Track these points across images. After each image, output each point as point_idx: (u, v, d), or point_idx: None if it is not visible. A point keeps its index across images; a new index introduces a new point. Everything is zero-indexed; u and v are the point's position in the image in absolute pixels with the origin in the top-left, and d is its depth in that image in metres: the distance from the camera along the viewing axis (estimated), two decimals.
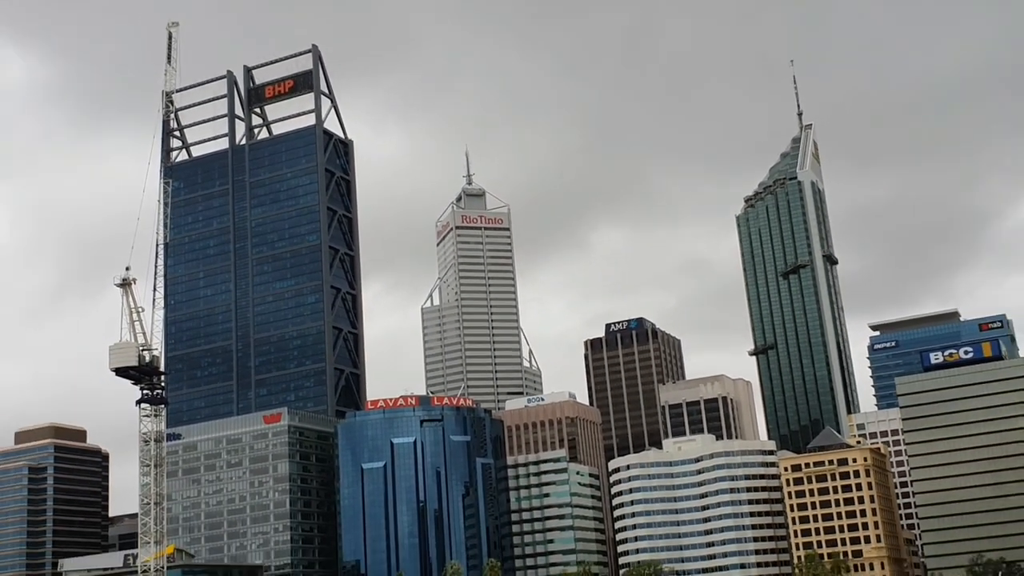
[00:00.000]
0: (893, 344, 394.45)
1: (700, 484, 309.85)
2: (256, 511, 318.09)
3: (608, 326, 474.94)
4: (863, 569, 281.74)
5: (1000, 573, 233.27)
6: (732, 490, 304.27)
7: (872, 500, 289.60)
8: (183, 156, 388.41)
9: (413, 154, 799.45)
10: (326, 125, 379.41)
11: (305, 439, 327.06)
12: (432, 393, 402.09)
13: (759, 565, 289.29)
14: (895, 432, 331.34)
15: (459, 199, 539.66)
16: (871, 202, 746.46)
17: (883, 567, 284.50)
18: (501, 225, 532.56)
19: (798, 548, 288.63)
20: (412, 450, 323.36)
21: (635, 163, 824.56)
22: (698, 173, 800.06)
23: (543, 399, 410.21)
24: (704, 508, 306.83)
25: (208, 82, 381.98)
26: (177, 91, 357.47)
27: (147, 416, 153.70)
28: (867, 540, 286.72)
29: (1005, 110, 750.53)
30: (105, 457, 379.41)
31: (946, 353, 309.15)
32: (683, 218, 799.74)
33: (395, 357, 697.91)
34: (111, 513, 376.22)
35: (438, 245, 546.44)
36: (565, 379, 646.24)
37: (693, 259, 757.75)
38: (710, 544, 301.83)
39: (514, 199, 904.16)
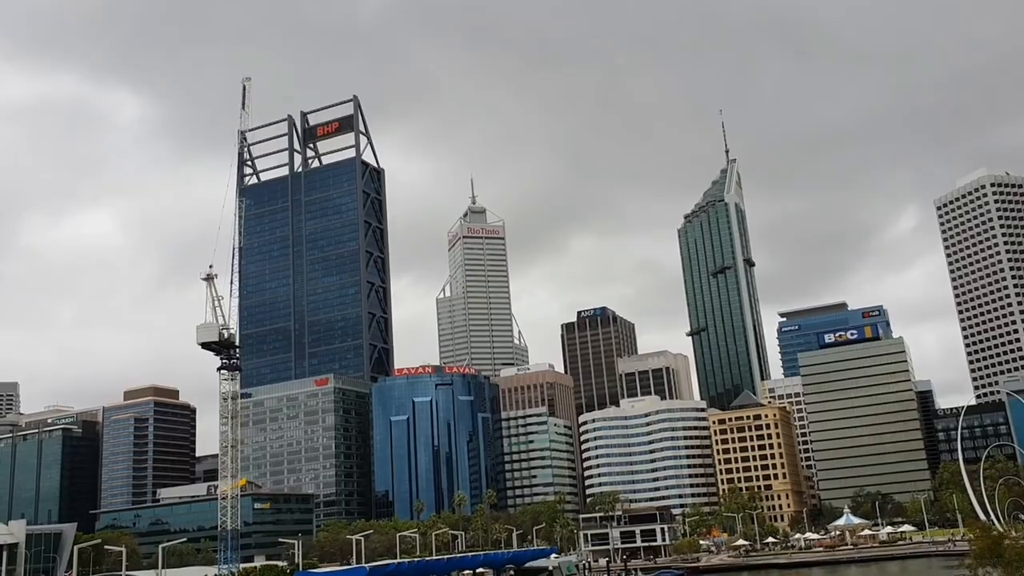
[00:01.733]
0: (796, 328, 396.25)
1: (648, 434, 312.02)
2: (308, 453, 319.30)
3: (579, 312, 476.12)
4: (773, 499, 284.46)
5: (876, 502, 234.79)
6: (672, 439, 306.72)
7: (779, 447, 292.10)
8: (253, 180, 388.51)
9: (431, 179, 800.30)
10: (364, 157, 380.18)
11: (347, 398, 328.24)
12: (444, 363, 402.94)
13: (693, 496, 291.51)
14: (797, 395, 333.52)
15: (465, 215, 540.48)
16: (782, 218, 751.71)
17: (787, 497, 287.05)
18: (497, 235, 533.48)
19: (723, 483, 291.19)
20: (429, 407, 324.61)
21: (602, 187, 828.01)
22: (650, 195, 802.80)
23: (529, 368, 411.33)
24: (651, 452, 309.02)
25: (273, 123, 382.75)
26: (249, 130, 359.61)
27: (225, 380, 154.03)
28: (776, 477, 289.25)
29: (887, 148, 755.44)
30: (193, 411, 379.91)
31: (837, 334, 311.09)
32: (639, 229, 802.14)
33: (416, 336, 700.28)
34: (197, 453, 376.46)
35: (449, 250, 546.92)
36: (546, 353, 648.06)
37: (646, 261, 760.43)
38: (655, 480, 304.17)
39: (508, 214, 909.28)
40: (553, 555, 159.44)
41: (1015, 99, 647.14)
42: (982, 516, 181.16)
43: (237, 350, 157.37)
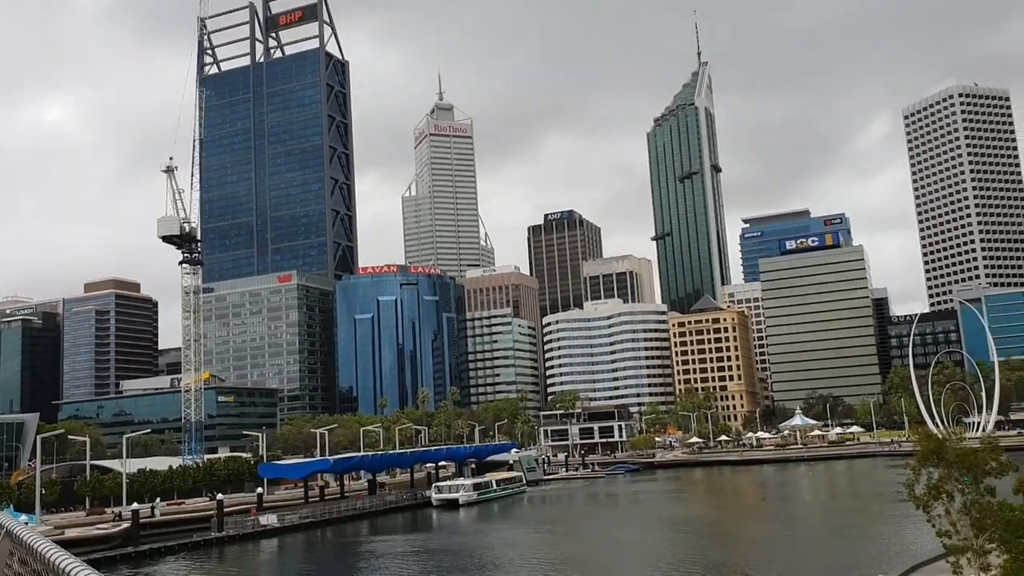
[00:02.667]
0: (759, 234, 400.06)
1: (611, 335, 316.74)
2: (272, 348, 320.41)
3: (546, 215, 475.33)
4: (727, 399, 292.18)
5: (827, 404, 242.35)
6: (633, 340, 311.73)
7: (737, 349, 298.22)
8: (214, 70, 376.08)
9: (398, 73, 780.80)
10: (328, 48, 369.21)
11: (310, 295, 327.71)
12: (410, 263, 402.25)
13: (651, 395, 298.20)
14: (756, 300, 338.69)
15: (432, 111, 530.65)
16: (752, 123, 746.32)
17: (742, 398, 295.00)
18: (465, 134, 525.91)
19: (680, 384, 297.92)
20: (394, 306, 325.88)
21: (575, 87, 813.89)
22: (624, 96, 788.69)
23: (495, 270, 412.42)
24: (612, 353, 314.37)
25: (234, 11, 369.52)
26: (209, 17, 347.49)
27: (187, 274, 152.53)
28: (731, 378, 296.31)
29: (862, 55, 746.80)
30: (155, 304, 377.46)
31: (798, 241, 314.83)
32: (612, 131, 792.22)
33: (381, 235, 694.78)
34: (160, 347, 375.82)
35: (415, 148, 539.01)
36: (513, 256, 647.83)
37: (618, 164, 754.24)
38: (615, 379, 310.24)
39: (477, 112, 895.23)
40: (514, 450, 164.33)
41: (994, 7, 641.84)
42: (928, 419, 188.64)
43: (199, 244, 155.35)
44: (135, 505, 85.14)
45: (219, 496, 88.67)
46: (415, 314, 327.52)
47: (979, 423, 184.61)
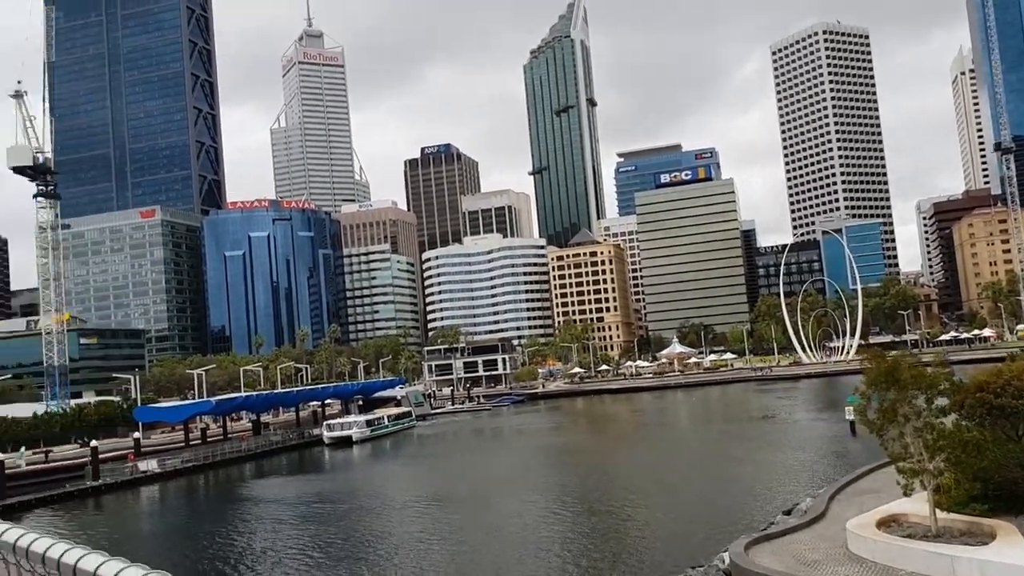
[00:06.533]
0: (633, 168, 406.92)
1: (490, 270, 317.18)
2: (137, 287, 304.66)
3: (423, 149, 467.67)
4: (605, 330, 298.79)
5: (700, 332, 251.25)
6: (513, 275, 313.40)
7: (612, 282, 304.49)
8: None
9: None
10: None
11: (176, 231, 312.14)
12: (281, 198, 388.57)
13: (531, 328, 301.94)
14: (631, 233, 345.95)
15: (301, 38, 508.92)
16: (628, 58, 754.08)
17: (618, 328, 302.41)
18: (336, 62, 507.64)
19: (559, 316, 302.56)
20: (266, 242, 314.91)
21: (452, 16, 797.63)
22: (502, 27, 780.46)
23: (372, 205, 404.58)
24: (492, 288, 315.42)
25: None
26: None
27: (42, 208, 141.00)
28: (608, 310, 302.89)
29: None
30: (4, 242, 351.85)
31: (672, 175, 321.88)
32: (491, 63, 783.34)
33: (251, 169, 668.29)
34: (12, 288, 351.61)
35: (283, 77, 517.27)
36: (390, 190, 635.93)
37: (496, 97, 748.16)
38: (496, 314, 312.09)
39: (351, 40, 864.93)
40: (399, 386, 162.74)
41: None
42: (796, 345, 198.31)
43: (54, 176, 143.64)
44: None
45: (93, 442, 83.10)
46: (289, 251, 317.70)
47: (843, 347, 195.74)
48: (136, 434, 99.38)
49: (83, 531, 62.09)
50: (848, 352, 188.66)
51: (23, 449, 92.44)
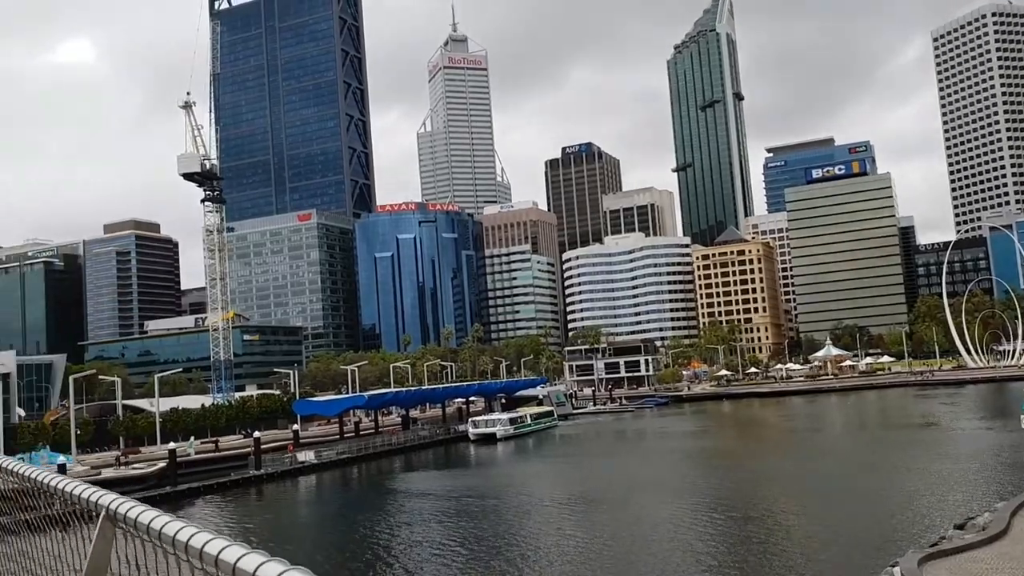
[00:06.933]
0: (782, 163, 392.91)
1: (632, 270, 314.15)
2: (295, 287, 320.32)
3: (564, 149, 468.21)
4: (752, 331, 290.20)
5: (855, 334, 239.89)
6: (656, 274, 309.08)
7: (761, 281, 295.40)
8: (225, 4, 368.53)
9: (412, 5, 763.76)
10: None
11: (330, 233, 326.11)
12: (427, 200, 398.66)
13: (673, 330, 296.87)
14: (781, 231, 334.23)
15: (446, 43, 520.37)
16: (776, 50, 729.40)
17: (767, 330, 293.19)
18: (480, 65, 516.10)
19: (703, 317, 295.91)
20: (413, 244, 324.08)
21: (595, 14, 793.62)
22: (646, 23, 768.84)
23: (512, 206, 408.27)
24: (634, 288, 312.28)
25: None
26: None
27: (210, 211, 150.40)
28: (756, 311, 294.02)
29: None
30: (175, 245, 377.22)
31: (824, 169, 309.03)
32: (634, 60, 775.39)
33: (398, 172, 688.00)
34: (182, 287, 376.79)
35: (429, 82, 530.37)
36: (531, 190, 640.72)
37: (640, 94, 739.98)
38: (637, 314, 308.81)
39: (494, 43, 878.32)
40: (541, 385, 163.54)
41: None
42: (961, 348, 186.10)
43: (220, 181, 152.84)
44: (172, 444, 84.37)
45: (256, 433, 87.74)
46: (434, 252, 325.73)
47: (1014, 351, 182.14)
48: (295, 426, 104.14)
49: (247, 517, 65.63)
50: (1020, 357, 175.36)
51: (192, 439, 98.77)
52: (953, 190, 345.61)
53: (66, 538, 4.40)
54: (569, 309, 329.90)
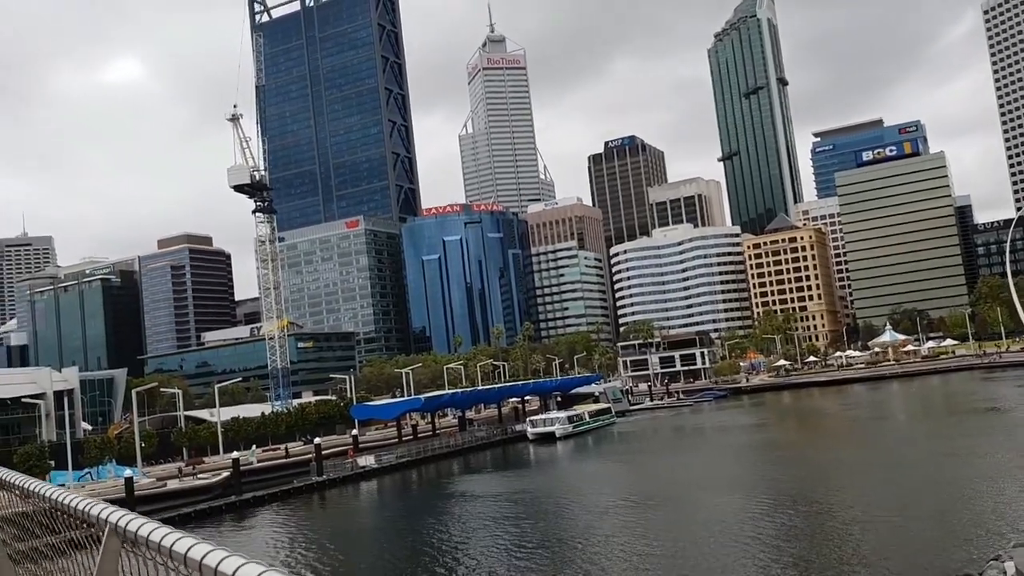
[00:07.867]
0: (831, 147, 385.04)
1: (681, 262, 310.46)
2: (345, 293, 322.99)
3: (607, 143, 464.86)
4: (808, 320, 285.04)
5: (915, 318, 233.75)
6: (706, 265, 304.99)
7: (815, 268, 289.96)
8: (265, 17, 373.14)
9: (449, 8, 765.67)
10: None
11: (378, 239, 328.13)
12: (471, 201, 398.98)
13: (727, 321, 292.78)
14: (833, 216, 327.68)
15: (484, 45, 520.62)
16: (818, 32, 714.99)
17: (823, 317, 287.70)
18: (518, 65, 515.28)
19: (757, 307, 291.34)
20: (459, 245, 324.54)
21: (630, 7, 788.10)
22: (684, 13, 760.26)
23: (556, 203, 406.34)
24: (685, 280, 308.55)
25: None
26: None
27: (261, 222, 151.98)
28: (811, 298, 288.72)
29: None
30: (228, 256, 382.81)
31: (875, 151, 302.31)
32: (670, 51, 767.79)
33: (442, 175, 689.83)
34: (236, 298, 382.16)
35: (469, 84, 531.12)
36: (574, 186, 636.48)
37: (680, 84, 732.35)
38: (689, 307, 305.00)
39: (530, 41, 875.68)
40: (595, 382, 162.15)
41: None
42: None
43: (270, 192, 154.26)
44: (235, 453, 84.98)
45: (316, 440, 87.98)
46: (481, 252, 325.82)
47: None
48: (354, 431, 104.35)
49: (310, 523, 65.61)
50: None
51: (254, 447, 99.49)
52: (1011, 166, 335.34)
53: (72, 553, 4.31)
54: (619, 304, 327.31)
